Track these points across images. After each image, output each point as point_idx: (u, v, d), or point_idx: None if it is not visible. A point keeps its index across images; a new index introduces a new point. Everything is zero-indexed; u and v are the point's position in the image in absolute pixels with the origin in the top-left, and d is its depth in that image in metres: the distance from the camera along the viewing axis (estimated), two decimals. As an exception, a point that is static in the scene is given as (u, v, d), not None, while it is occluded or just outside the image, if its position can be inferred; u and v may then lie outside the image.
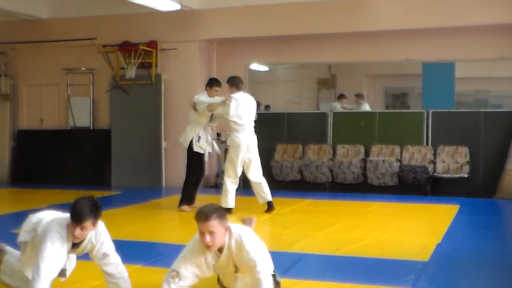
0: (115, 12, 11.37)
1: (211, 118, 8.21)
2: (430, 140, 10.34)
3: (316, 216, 7.82)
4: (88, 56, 11.52)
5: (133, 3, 9.43)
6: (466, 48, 10.20)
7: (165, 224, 7.51)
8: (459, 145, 10.10)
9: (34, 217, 4.11)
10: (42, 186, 10.84)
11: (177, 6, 9.97)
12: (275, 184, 10.60)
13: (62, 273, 3.95)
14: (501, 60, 10.05)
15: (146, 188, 10.76)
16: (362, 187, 10.17)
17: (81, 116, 11.92)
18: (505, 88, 10.63)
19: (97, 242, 3.84)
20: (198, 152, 8.17)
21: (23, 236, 4.04)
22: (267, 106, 11.72)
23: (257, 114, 8.30)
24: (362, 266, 5.10)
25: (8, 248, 4.38)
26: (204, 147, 8.21)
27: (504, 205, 9.01)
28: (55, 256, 3.69)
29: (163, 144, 11.19)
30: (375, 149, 10.54)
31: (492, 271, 5.02)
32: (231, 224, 3.77)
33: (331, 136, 10.88)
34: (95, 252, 3.87)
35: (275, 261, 4.21)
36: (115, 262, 3.93)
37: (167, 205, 9.28)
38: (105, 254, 3.86)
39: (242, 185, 10.99)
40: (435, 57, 10.41)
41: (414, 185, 9.89)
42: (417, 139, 10.37)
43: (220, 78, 11.31)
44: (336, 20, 10.31)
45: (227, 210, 7.61)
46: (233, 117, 7.78)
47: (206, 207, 3.65)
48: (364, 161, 10.28)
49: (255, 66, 11.53)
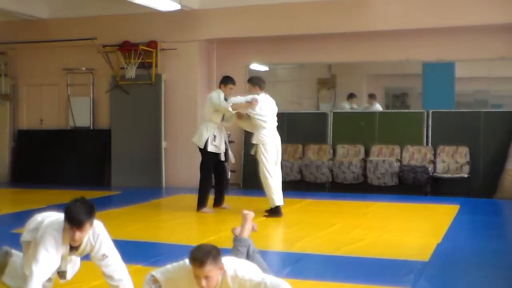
0: (115, 12, 11.37)
1: (224, 117, 8.06)
2: (430, 140, 10.34)
3: (316, 216, 7.82)
4: (88, 56, 11.52)
5: (133, 3, 9.43)
6: (466, 48, 10.20)
7: (165, 224, 7.51)
8: (459, 145, 10.10)
9: (39, 216, 4.10)
10: (42, 186, 10.85)
11: (177, 6, 9.97)
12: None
13: (62, 275, 3.94)
14: (501, 60, 10.06)
15: (146, 188, 10.76)
16: (362, 187, 10.17)
17: (81, 116, 11.92)
18: (505, 88, 10.64)
19: (96, 243, 3.83)
20: (213, 153, 8.01)
21: (26, 236, 4.04)
22: None
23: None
24: (362, 266, 5.10)
25: (14, 251, 4.38)
26: (220, 146, 8.04)
27: (504, 205, 9.02)
28: (48, 260, 3.68)
29: (163, 144, 11.19)
30: (375, 149, 10.54)
31: (492, 271, 5.02)
32: (224, 260, 3.59)
33: (331, 136, 10.88)
34: (94, 253, 3.86)
35: (275, 261, 4.21)
36: (115, 264, 3.91)
37: (167, 205, 9.29)
38: (104, 255, 3.85)
39: (242, 185, 11.05)
40: (435, 57, 10.41)
41: (414, 185, 9.89)
42: (417, 139, 10.37)
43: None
44: (336, 20, 10.31)
45: (276, 209, 7.60)
46: (260, 116, 7.70)
47: (201, 250, 3.48)
48: (364, 161, 10.28)
49: (255, 66, 11.52)
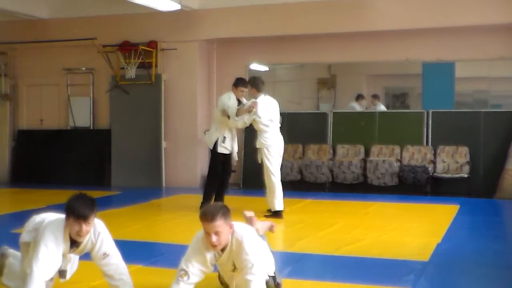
0: (115, 12, 11.36)
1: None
2: (430, 140, 10.34)
3: (316, 216, 7.81)
4: (88, 56, 11.52)
5: (133, 3, 9.43)
6: (466, 48, 10.20)
7: (165, 224, 7.51)
8: (459, 145, 10.10)
9: (38, 217, 4.10)
10: (42, 186, 10.84)
11: (177, 6, 9.97)
12: (275, 184, 10.62)
13: (62, 275, 3.94)
14: (501, 60, 10.06)
15: (146, 188, 10.76)
16: (362, 187, 10.17)
17: (81, 116, 11.92)
18: (505, 88, 10.63)
19: (97, 241, 3.83)
20: (222, 154, 8.00)
21: (25, 237, 4.02)
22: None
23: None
24: (362, 266, 5.10)
25: (11, 251, 4.37)
26: (230, 148, 8.05)
27: (504, 205, 9.01)
28: (49, 259, 3.68)
29: (163, 144, 11.19)
30: (375, 149, 10.54)
31: (492, 271, 5.02)
32: (235, 223, 3.77)
33: (331, 136, 10.88)
34: (95, 252, 3.86)
35: (275, 261, 4.21)
36: (115, 263, 3.91)
37: (167, 205, 9.29)
38: (105, 254, 3.85)
39: (242, 185, 11.05)
40: (435, 57, 10.41)
41: (414, 185, 9.89)
42: (417, 139, 10.37)
43: (221, 78, 11.41)
44: (336, 20, 10.31)
45: (278, 213, 7.57)
46: (262, 119, 7.71)
47: (211, 207, 3.67)
48: (364, 161, 10.28)
49: (255, 66, 11.52)
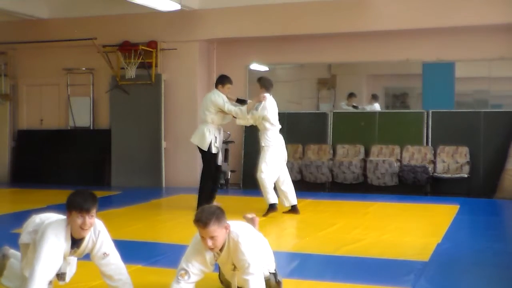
0: (115, 12, 11.37)
1: (224, 117, 8.06)
2: (430, 140, 10.34)
3: (316, 216, 7.81)
4: (88, 56, 11.52)
5: (133, 3, 9.43)
6: (466, 48, 10.20)
7: (165, 224, 7.51)
8: (459, 145, 10.10)
9: (38, 218, 4.07)
10: (42, 186, 10.85)
11: (177, 6, 9.97)
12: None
13: (62, 277, 3.92)
14: (501, 60, 10.06)
15: (146, 188, 10.76)
16: (362, 187, 10.17)
17: (81, 116, 11.93)
18: (505, 88, 10.63)
19: (97, 240, 3.82)
20: (214, 153, 8.02)
21: (25, 238, 4.00)
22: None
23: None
24: (362, 266, 5.10)
25: (12, 252, 4.36)
26: (219, 147, 8.08)
27: (504, 205, 9.01)
28: (51, 259, 3.66)
29: (163, 144, 11.19)
30: (375, 149, 10.54)
31: (492, 271, 5.02)
32: (231, 222, 3.78)
33: (331, 136, 10.88)
34: (96, 251, 3.85)
35: (275, 261, 4.21)
36: (115, 263, 3.90)
37: (167, 205, 9.30)
38: (105, 254, 3.85)
39: (242, 185, 11.04)
40: (435, 57, 10.41)
41: (414, 185, 9.89)
42: (417, 139, 10.37)
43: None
44: (336, 20, 10.31)
45: (272, 206, 7.61)
46: (268, 117, 7.73)
47: (204, 212, 3.64)
48: (364, 161, 10.28)
49: (255, 66, 11.52)
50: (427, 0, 9.95)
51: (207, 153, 7.96)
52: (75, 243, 3.80)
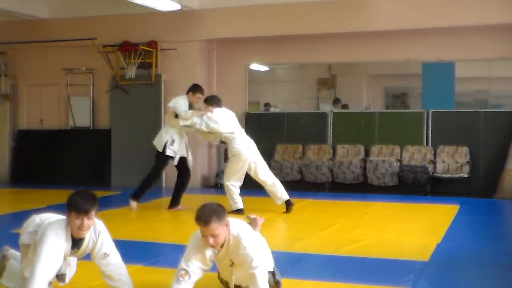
0: (115, 12, 11.37)
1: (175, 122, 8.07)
2: (430, 140, 10.34)
3: (316, 216, 7.81)
4: (88, 56, 11.52)
5: (133, 3, 9.43)
6: (466, 48, 10.21)
7: (165, 224, 7.51)
8: (459, 145, 10.10)
9: (37, 218, 4.05)
10: (42, 186, 10.84)
11: (177, 6, 9.97)
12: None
13: (61, 278, 3.91)
14: (501, 60, 10.06)
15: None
16: (362, 187, 10.17)
17: (81, 116, 11.92)
18: (505, 88, 10.64)
19: (98, 240, 3.82)
20: (169, 156, 8.13)
21: (25, 238, 3.98)
22: (267, 104, 11.70)
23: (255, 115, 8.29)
24: (362, 266, 5.10)
25: (12, 252, 4.35)
26: (176, 150, 8.14)
27: (504, 205, 9.01)
28: (51, 259, 3.65)
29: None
30: (375, 149, 10.54)
31: (492, 271, 5.02)
32: (231, 219, 3.78)
33: (331, 136, 10.88)
34: (96, 251, 3.84)
35: (275, 261, 4.21)
36: (115, 263, 3.90)
37: (167, 205, 9.28)
38: (106, 254, 3.84)
39: (242, 185, 11.02)
40: (435, 57, 10.41)
41: (414, 185, 9.89)
42: (417, 139, 10.37)
43: (221, 78, 11.42)
44: (336, 20, 10.31)
45: (239, 211, 7.61)
46: (219, 129, 7.76)
47: (205, 210, 3.64)
48: (364, 161, 10.28)
49: (255, 66, 11.53)
50: (427, 0, 9.95)
51: (160, 154, 8.09)
52: (76, 244, 3.80)
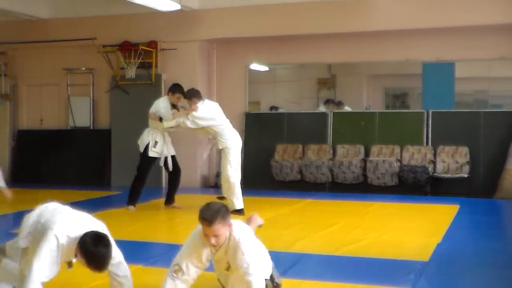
0: (115, 12, 11.37)
1: (157, 125, 8.14)
2: (430, 140, 10.34)
3: (316, 216, 7.82)
4: (88, 56, 11.52)
5: (133, 3, 9.43)
6: (466, 48, 10.20)
7: (165, 224, 7.52)
8: (459, 145, 10.10)
9: (30, 219, 3.99)
10: (42, 186, 10.83)
11: (177, 6, 9.97)
12: (275, 184, 10.63)
13: (70, 265, 3.87)
14: (501, 60, 10.06)
15: (146, 188, 10.71)
16: (362, 187, 10.17)
17: (81, 116, 11.92)
18: (505, 88, 10.64)
19: None
20: (152, 158, 8.26)
21: (22, 243, 3.95)
22: (272, 107, 11.66)
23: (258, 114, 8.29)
24: (362, 266, 5.10)
25: (7, 249, 4.35)
26: (161, 152, 8.24)
27: (504, 205, 9.02)
28: (51, 260, 3.61)
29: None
30: (375, 149, 10.54)
31: (492, 271, 5.02)
32: (236, 222, 3.76)
33: (331, 136, 10.88)
34: None
35: (275, 261, 4.21)
36: (119, 261, 3.89)
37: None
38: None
39: (243, 186, 11.02)
40: (435, 57, 10.41)
41: (414, 185, 9.89)
42: (417, 139, 10.37)
43: (221, 78, 11.42)
44: (336, 20, 10.31)
45: (240, 212, 7.63)
46: (213, 122, 7.81)
47: (210, 210, 3.60)
48: (364, 161, 10.28)
49: (255, 66, 11.53)
50: (427, 0, 9.95)
51: (143, 156, 8.24)
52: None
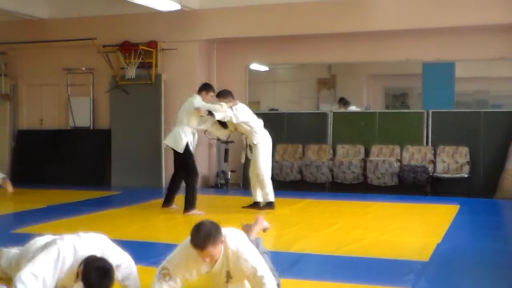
0: (115, 12, 11.37)
1: (201, 122, 8.09)
2: (430, 140, 10.34)
3: (316, 216, 7.81)
4: (88, 56, 11.53)
5: (133, 3, 9.44)
6: (466, 48, 10.21)
7: (165, 224, 7.51)
8: (459, 145, 10.10)
9: (38, 242, 4.01)
10: (42, 186, 10.84)
11: (177, 6, 9.97)
12: (275, 184, 10.59)
13: None
14: (501, 60, 10.06)
15: (146, 188, 10.75)
16: (362, 187, 10.17)
17: (81, 116, 11.93)
18: (505, 88, 10.64)
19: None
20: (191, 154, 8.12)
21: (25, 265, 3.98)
22: (272, 110, 11.67)
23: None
24: (362, 266, 5.10)
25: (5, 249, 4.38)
26: (193, 150, 8.17)
27: (504, 205, 9.02)
28: (47, 266, 3.57)
29: (163, 144, 11.18)
30: (375, 149, 10.54)
31: (492, 271, 5.02)
32: (227, 232, 3.72)
33: (331, 136, 10.88)
34: None
35: (275, 261, 4.21)
36: (127, 267, 3.88)
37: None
38: (117, 266, 3.78)
39: (242, 185, 11.04)
40: (435, 57, 10.41)
41: (414, 185, 9.90)
42: (417, 139, 10.38)
43: (221, 78, 11.41)
44: (336, 20, 10.31)
45: (270, 204, 7.92)
46: (250, 119, 7.96)
47: (201, 235, 3.52)
48: (364, 161, 10.28)
49: (255, 66, 11.53)
50: (427, 0, 9.95)
51: (186, 153, 7.95)
52: None
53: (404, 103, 11.31)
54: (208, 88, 8.10)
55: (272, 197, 8.07)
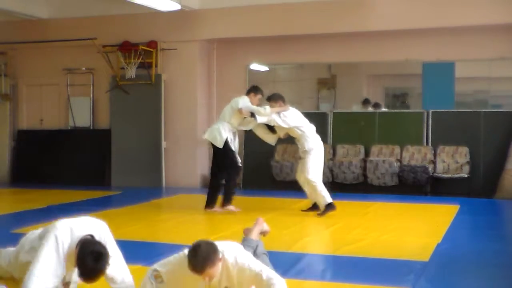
0: (115, 12, 11.37)
1: (243, 123, 8.03)
2: (430, 140, 10.34)
3: (316, 216, 7.81)
4: (88, 56, 11.53)
5: (133, 3, 9.44)
6: (466, 48, 10.20)
7: (165, 224, 7.51)
8: (459, 145, 10.10)
9: (33, 234, 4.01)
10: (42, 186, 10.85)
11: (177, 6, 9.97)
12: (276, 184, 10.62)
13: (66, 285, 3.88)
14: (501, 60, 10.06)
15: (146, 188, 10.76)
16: (362, 187, 10.17)
17: (81, 116, 11.93)
18: (505, 88, 10.63)
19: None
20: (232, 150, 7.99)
21: (23, 258, 3.97)
22: None
23: None
24: (362, 266, 5.10)
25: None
26: (235, 149, 8.05)
27: (504, 205, 9.02)
28: (52, 262, 3.59)
29: (163, 144, 11.19)
30: (375, 149, 10.54)
31: (492, 271, 5.02)
32: (223, 247, 3.66)
33: (331, 136, 10.88)
34: None
35: (275, 261, 4.21)
36: (117, 265, 3.87)
37: (167, 205, 9.29)
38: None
39: (243, 185, 11.04)
40: (435, 57, 10.41)
41: (414, 185, 9.89)
42: (417, 139, 10.37)
43: (221, 78, 11.42)
44: (336, 20, 10.31)
45: (330, 206, 7.67)
46: (301, 124, 7.88)
47: (198, 259, 3.48)
48: (364, 161, 10.28)
49: (255, 66, 11.52)
50: (427, 0, 9.95)
51: (224, 149, 7.84)
52: None
53: (404, 103, 11.31)
54: (257, 91, 8.06)
55: (329, 198, 7.77)
